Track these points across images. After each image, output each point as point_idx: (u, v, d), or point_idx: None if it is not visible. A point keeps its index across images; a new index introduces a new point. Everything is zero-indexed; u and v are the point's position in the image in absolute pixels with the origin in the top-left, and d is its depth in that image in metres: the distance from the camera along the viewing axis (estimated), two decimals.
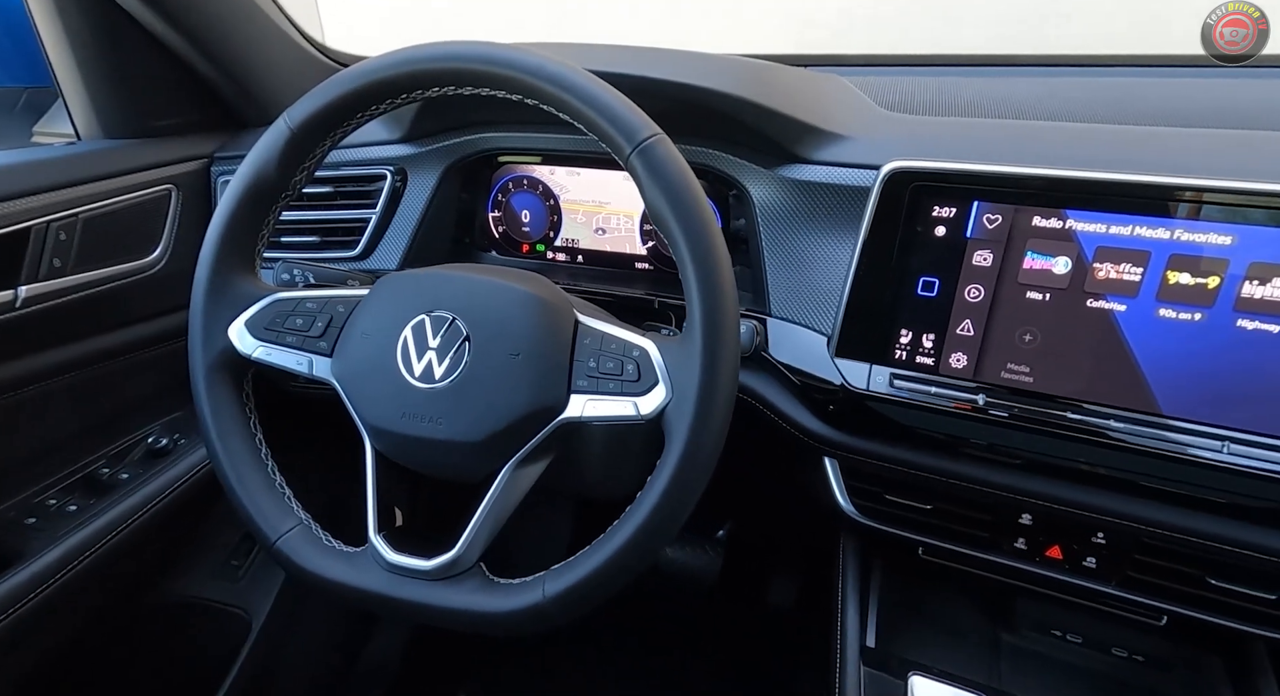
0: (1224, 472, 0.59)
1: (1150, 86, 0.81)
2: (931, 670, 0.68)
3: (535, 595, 0.55)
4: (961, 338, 0.67)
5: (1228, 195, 0.55)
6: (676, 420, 0.53)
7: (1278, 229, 0.55)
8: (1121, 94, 0.78)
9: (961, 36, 3.02)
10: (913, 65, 1.06)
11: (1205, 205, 0.56)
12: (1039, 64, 0.97)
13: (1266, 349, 0.57)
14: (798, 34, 3.16)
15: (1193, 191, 0.56)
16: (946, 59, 1.06)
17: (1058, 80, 0.86)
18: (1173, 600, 0.66)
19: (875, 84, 0.86)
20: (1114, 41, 2.27)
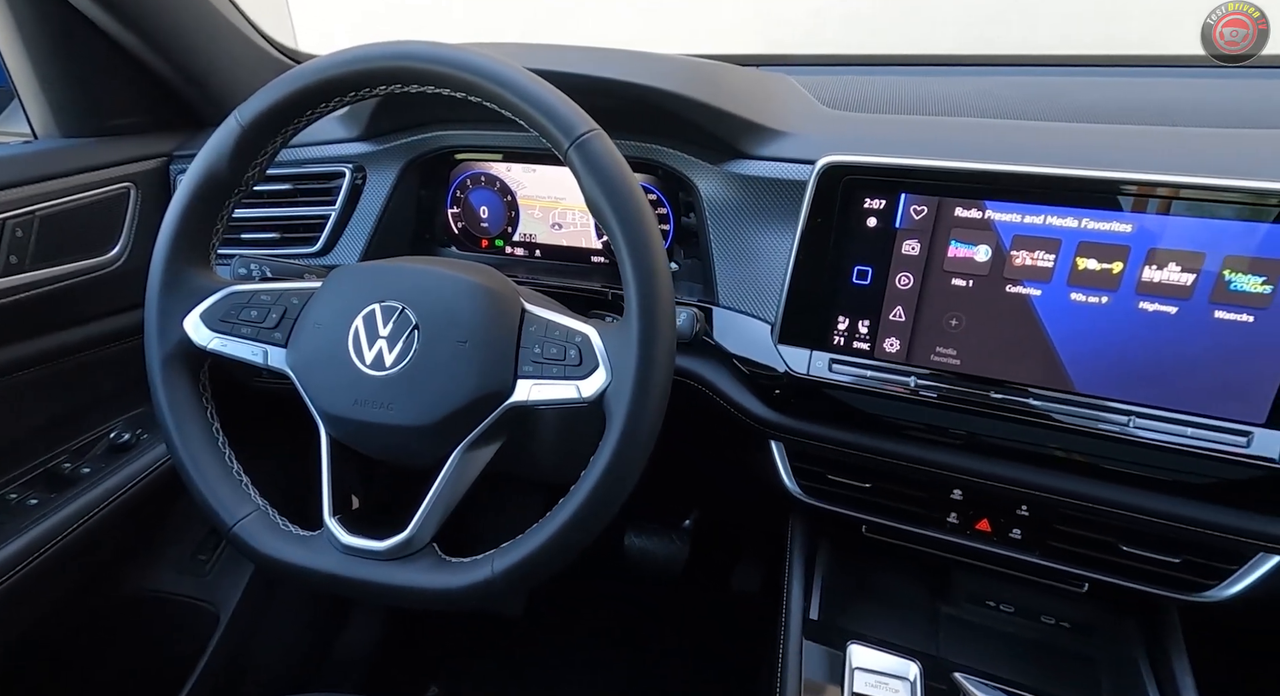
0: (1129, 445, 0.63)
1: (1078, 86, 0.86)
2: (870, 639, 0.72)
3: (485, 571, 0.58)
4: (894, 323, 0.70)
5: (1125, 186, 0.59)
6: (616, 401, 0.55)
7: (1172, 217, 0.59)
8: (1049, 92, 0.82)
9: (933, 35, 3.09)
10: (865, 65, 1.10)
11: (1107, 195, 0.60)
12: (984, 64, 1.02)
13: (1164, 329, 0.61)
14: (769, 34, 3.21)
15: (1094, 183, 0.60)
16: (897, 59, 1.10)
17: (993, 79, 0.91)
18: (1090, 567, 0.70)
19: (823, 83, 0.90)
20: (1082, 42, 2.35)
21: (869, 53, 1.14)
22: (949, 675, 0.68)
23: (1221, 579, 0.65)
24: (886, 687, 0.66)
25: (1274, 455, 0.58)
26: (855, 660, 0.69)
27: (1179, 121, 0.70)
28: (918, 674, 0.67)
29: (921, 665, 0.68)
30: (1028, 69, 0.98)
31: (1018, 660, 0.76)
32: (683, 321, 0.71)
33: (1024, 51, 1.02)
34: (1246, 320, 0.58)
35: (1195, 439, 0.61)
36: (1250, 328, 0.58)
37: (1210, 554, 0.65)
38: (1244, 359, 0.59)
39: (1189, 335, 0.60)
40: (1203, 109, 0.72)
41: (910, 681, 0.67)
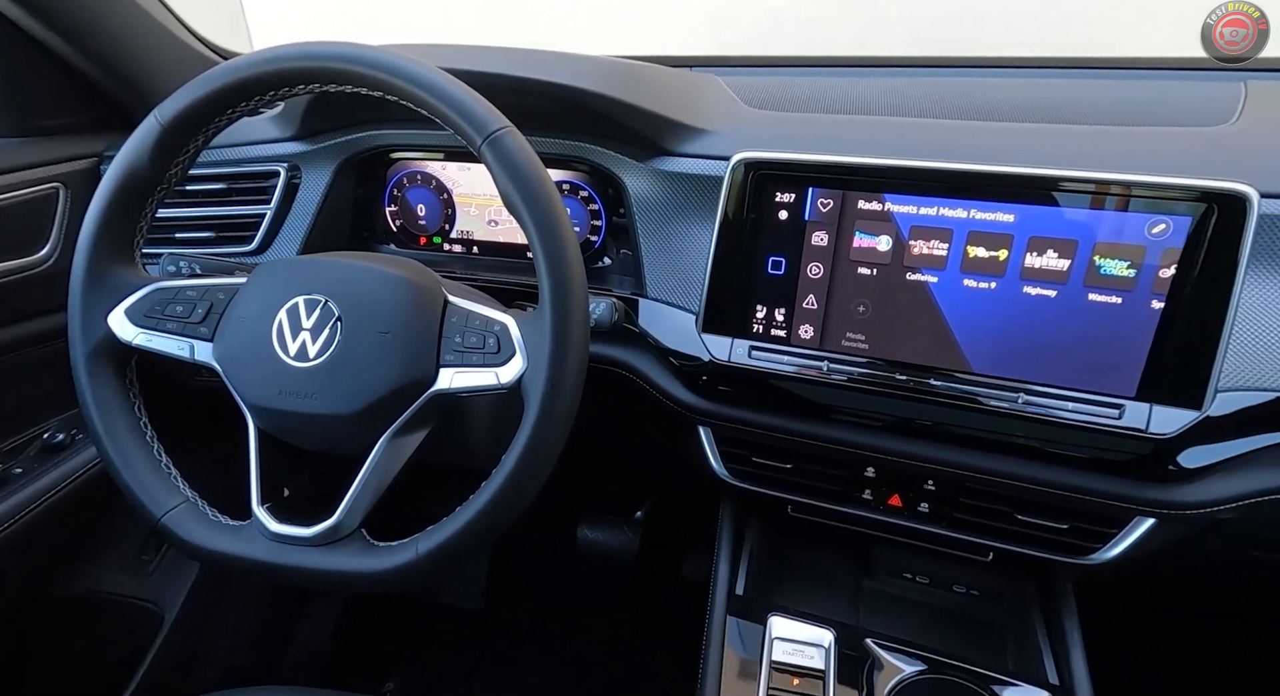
0: (1019, 420, 0.68)
1: (986, 86, 0.90)
2: (791, 611, 0.75)
3: (409, 554, 0.60)
4: (807, 310, 0.74)
5: (1006, 179, 0.64)
6: (532, 386, 0.58)
7: (1048, 207, 0.64)
8: (956, 92, 0.87)
9: (883, 37, 3.17)
10: (800, 66, 1.15)
11: (991, 187, 0.65)
12: (909, 66, 1.07)
13: (1046, 312, 0.66)
14: (722, 37, 3.26)
15: (978, 176, 0.65)
16: (828, 61, 1.15)
17: (910, 79, 0.95)
18: (991, 536, 0.75)
19: (751, 83, 0.93)
20: (1026, 44, 2.43)
21: (801, 55, 1.19)
22: (861, 641, 0.72)
23: (1104, 542, 0.70)
24: (803, 655, 0.70)
25: (1142, 426, 0.64)
26: (775, 631, 0.72)
27: (1065, 120, 0.75)
28: (832, 641, 0.71)
29: (836, 633, 0.72)
30: (950, 71, 1.03)
31: (931, 627, 0.81)
32: (602, 311, 0.74)
33: (971, 53, 1.08)
34: (1115, 302, 0.63)
35: (1075, 412, 0.66)
36: (1119, 309, 0.63)
37: (1093, 519, 0.70)
38: (1114, 338, 0.64)
39: (1067, 317, 0.65)
40: (1090, 108, 0.77)
41: (825, 648, 0.71)
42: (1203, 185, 0.58)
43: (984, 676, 0.68)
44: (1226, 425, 0.63)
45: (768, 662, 0.70)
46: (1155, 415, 0.64)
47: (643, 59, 1.00)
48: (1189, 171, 0.61)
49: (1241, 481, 0.64)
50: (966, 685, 0.67)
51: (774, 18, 3.25)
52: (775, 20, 3.25)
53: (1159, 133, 0.70)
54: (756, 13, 3.52)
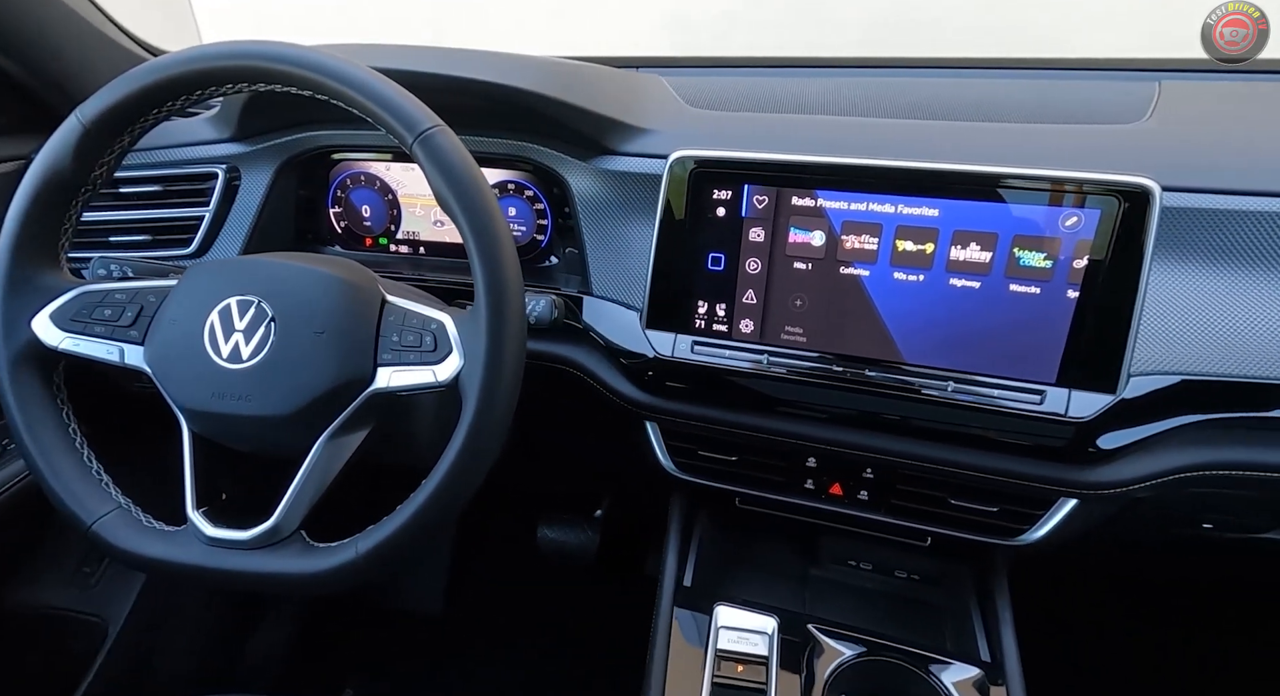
0: (950, 407, 0.70)
1: (918, 85, 0.93)
2: (737, 600, 0.77)
3: (349, 554, 0.60)
4: (747, 305, 0.76)
5: (930, 175, 0.66)
6: (469, 383, 0.59)
7: (970, 201, 0.66)
8: (889, 91, 0.89)
9: (835, 39, 3.22)
10: (748, 67, 1.17)
11: (915, 183, 0.67)
12: (852, 66, 1.10)
13: (971, 302, 0.68)
14: (678, 38, 3.28)
15: (903, 172, 0.67)
16: (774, 61, 1.17)
17: (846, 79, 0.98)
18: (927, 521, 0.77)
19: (695, 83, 0.95)
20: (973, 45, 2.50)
21: (750, 56, 1.21)
22: (804, 627, 0.74)
23: (1032, 523, 0.73)
24: (747, 642, 0.72)
25: (1062, 410, 0.66)
26: (720, 619, 0.74)
27: (991, 118, 0.78)
28: (775, 628, 0.73)
29: (780, 619, 0.73)
30: (891, 71, 1.06)
31: (873, 611, 0.83)
32: (541, 308, 0.74)
33: (920, 53, 1.11)
34: (1034, 292, 0.66)
35: (1001, 399, 0.68)
36: (1037, 299, 0.66)
37: (1021, 501, 0.73)
38: (1035, 326, 0.67)
39: (990, 307, 0.68)
40: (1014, 107, 0.80)
41: (769, 635, 0.72)
42: (1108, 179, 0.61)
43: (920, 656, 0.71)
44: (1139, 407, 0.66)
45: (713, 651, 0.71)
46: (1074, 399, 0.66)
47: (595, 60, 1.01)
48: (1098, 167, 0.64)
49: (1154, 461, 0.67)
50: (902, 665, 0.69)
51: (729, 20, 3.28)
52: (730, 22, 3.28)
53: (1075, 130, 0.73)
54: (712, 15, 3.55)
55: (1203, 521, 0.77)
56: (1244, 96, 0.84)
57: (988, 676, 0.69)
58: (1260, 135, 0.75)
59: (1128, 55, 1.03)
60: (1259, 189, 0.66)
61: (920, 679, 0.69)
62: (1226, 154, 0.70)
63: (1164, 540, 0.81)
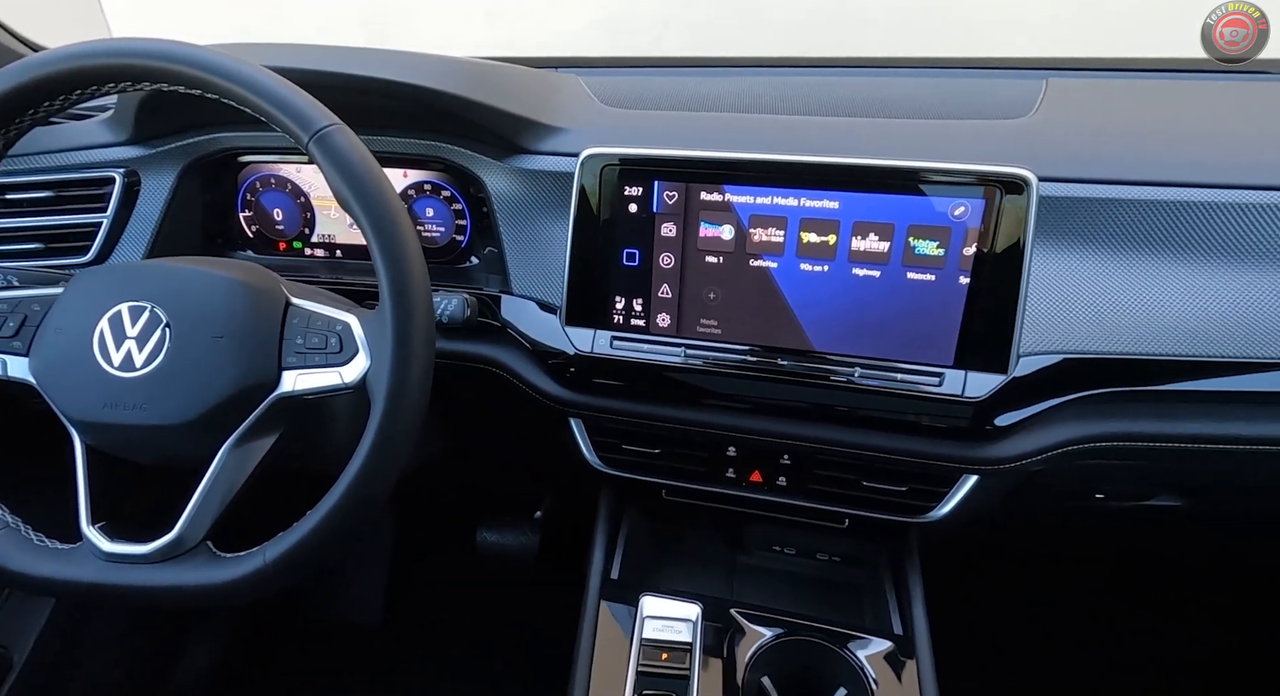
0: (858, 392, 0.73)
1: (829, 84, 0.96)
2: (663, 590, 0.78)
3: (256, 562, 0.58)
4: (662, 299, 0.77)
5: (828, 169, 0.69)
6: (376, 384, 0.58)
7: (867, 194, 0.69)
8: (801, 90, 0.92)
9: (767, 39, 3.28)
10: (670, 66, 1.19)
11: (815, 177, 0.70)
12: (769, 66, 1.13)
13: (872, 291, 0.71)
14: (616, 39, 3.30)
15: (804, 166, 0.69)
16: (698, 61, 1.20)
17: (762, 78, 1.01)
18: (843, 503, 0.80)
19: (612, 83, 0.96)
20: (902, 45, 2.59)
21: (676, 56, 1.24)
22: (727, 612, 0.75)
23: (938, 501, 0.76)
24: (672, 630, 0.73)
25: (959, 391, 0.70)
26: (646, 609, 0.75)
27: (890, 114, 0.82)
28: (699, 614, 0.74)
29: (703, 606, 0.75)
30: (809, 70, 1.09)
31: (797, 593, 0.85)
32: (453, 307, 0.74)
33: (850, 53, 1.14)
34: (930, 279, 0.69)
35: (904, 382, 0.71)
36: (933, 285, 0.69)
37: (927, 480, 0.76)
38: (931, 312, 0.70)
39: (891, 294, 0.71)
40: (913, 103, 0.84)
41: (693, 621, 0.74)
42: (988, 171, 0.65)
43: (836, 633, 0.73)
44: (1029, 386, 0.70)
45: (638, 640, 0.72)
46: (970, 380, 0.70)
47: (529, 61, 1.01)
48: (983, 159, 0.67)
49: (1045, 435, 0.71)
50: (819, 642, 0.72)
51: (664, 24, 3.31)
52: (665, 25, 3.32)
53: (966, 125, 0.77)
54: (649, 17, 3.58)
55: (1095, 492, 0.82)
56: (1124, 93, 0.90)
57: (899, 649, 0.72)
58: (1135, 128, 0.80)
59: (1033, 54, 1.10)
60: (1131, 178, 0.71)
61: (836, 655, 0.71)
62: (1102, 146, 0.74)
63: (1062, 511, 0.86)
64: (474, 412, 0.98)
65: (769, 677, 0.72)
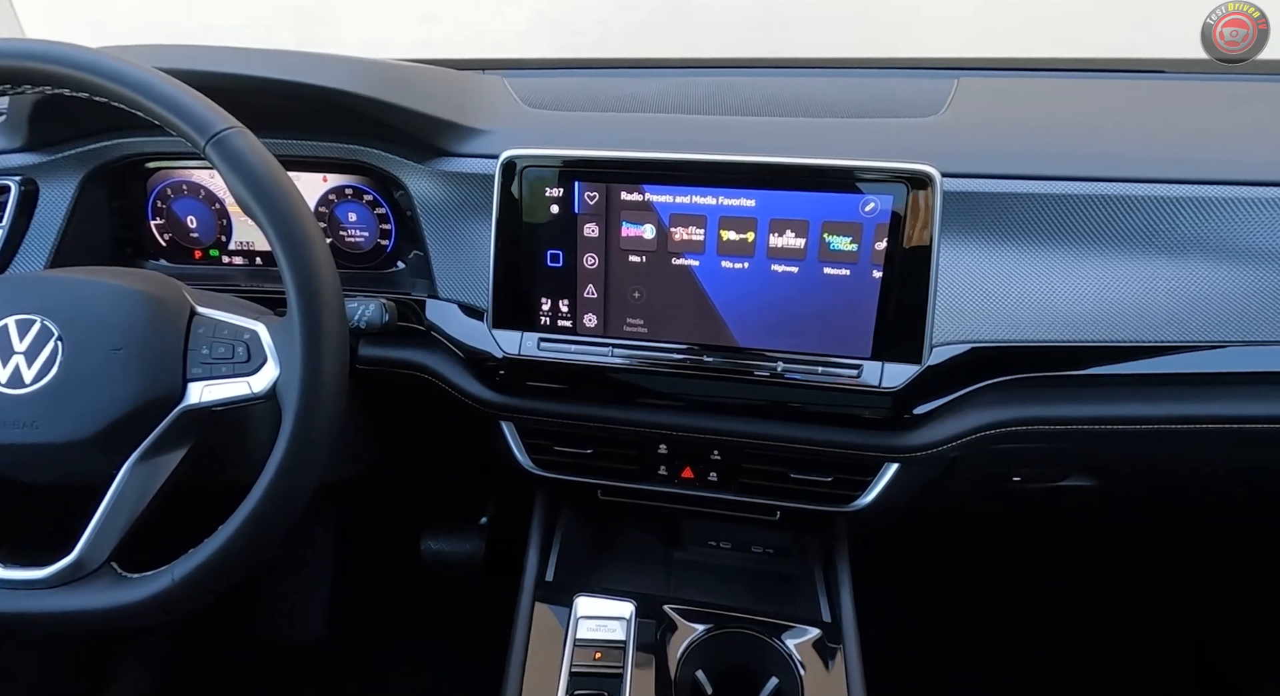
0: (782, 386, 0.74)
1: (753, 84, 0.97)
2: (599, 590, 0.78)
3: (164, 582, 0.56)
4: (588, 300, 0.77)
5: (743, 167, 0.70)
6: (287, 393, 0.57)
7: (782, 191, 0.71)
8: (724, 90, 0.93)
9: (706, 40, 3.31)
10: (602, 67, 1.20)
11: (731, 175, 0.71)
12: (697, 67, 1.14)
13: (792, 286, 0.72)
14: (555, 40, 3.29)
15: (719, 165, 0.70)
16: (630, 62, 1.20)
17: (687, 78, 1.02)
18: (773, 496, 0.81)
19: (537, 84, 0.96)
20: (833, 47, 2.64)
21: (605, 57, 1.24)
22: (661, 608, 0.76)
23: (863, 489, 0.78)
24: (606, 628, 0.73)
25: (876, 382, 0.72)
26: (580, 610, 0.75)
27: (806, 113, 0.84)
28: (633, 612, 0.74)
29: (637, 603, 0.75)
30: (733, 71, 1.11)
31: (733, 586, 0.86)
32: (371, 312, 0.73)
33: (788, 54, 1.16)
34: (845, 274, 0.71)
35: (825, 375, 0.73)
36: (848, 280, 0.71)
37: (851, 469, 0.78)
38: (848, 306, 0.72)
39: (809, 290, 0.72)
40: (829, 103, 0.86)
41: (627, 619, 0.74)
42: (894, 168, 0.67)
43: (767, 624, 0.74)
44: (943, 375, 0.72)
45: (572, 641, 0.72)
46: (886, 371, 0.72)
47: (456, 63, 1.00)
48: (892, 156, 0.69)
49: (959, 422, 0.74)
50: (750, 634, 0.73)
51: (603, 24, 3.32)
52: (605, 26, 3.33)
53: (877, 123, 0.79)
54: (588, 18, 3.57)
55: (1012, 475, 0.85)
56: (1031, 91, 0.94)
57: (826, 636, 0.74)
58: (1038, 125, 0.83)
59: (957, 54, 1.13)
60: (1033, 173, 0.74)
61: (767, 645, 0.73)
62: (1005, 143, 0.78)
63: (982, 495, 0.89)
64: (404, 419, 0.97)
65: (703, 671, 0.72)
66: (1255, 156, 0.76)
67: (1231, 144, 0.80)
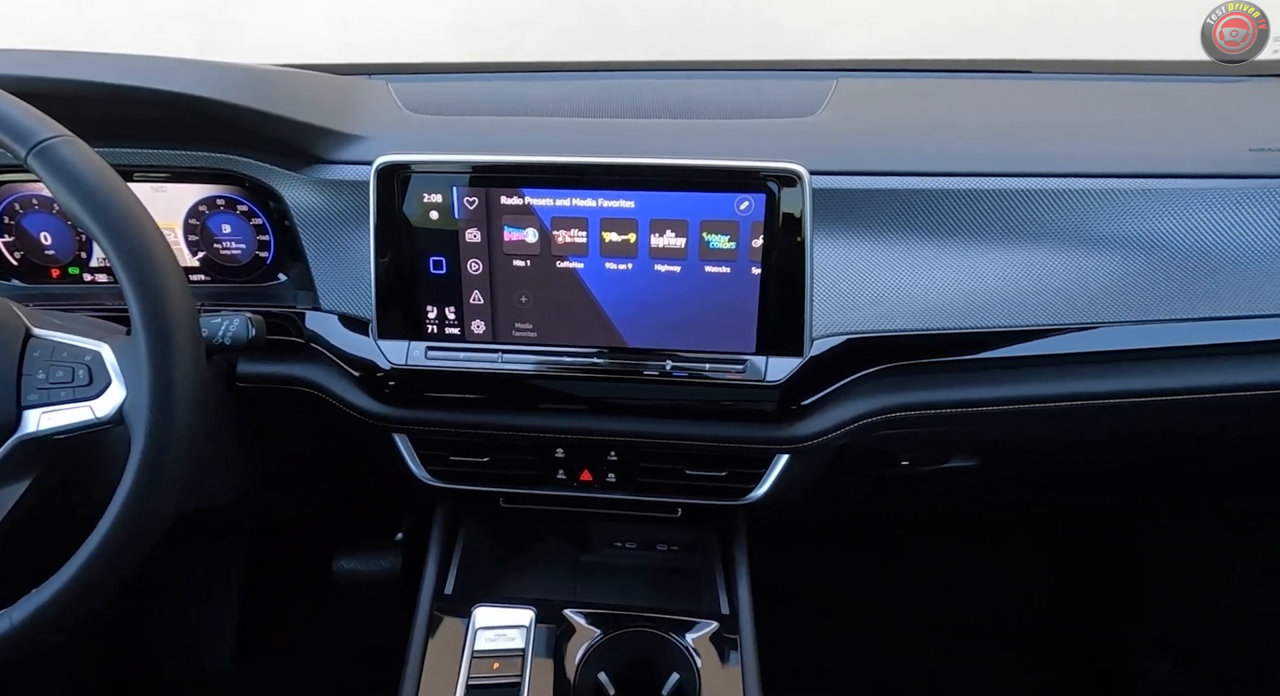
0: (672, 385, 0.75)
1: (638, 86, 0.98)
2: (500, 599, 0.77)
3: (1, 627, 0.52)
4: (475, 306, 0.76)
5: (620, 169, 0.71)
6: (135, 416, 0.54)
7: (661, 192, 0.71)
8: (613, 93, 0.93)
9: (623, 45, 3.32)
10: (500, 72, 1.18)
11: (610, 177, 0.71)
12: (589, 70, 1.14)
13: (676, 286, 0.73)
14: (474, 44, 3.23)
15: (595, 168, 0.71)
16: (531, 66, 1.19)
17: (578, 82, 1.01)
18: (671, 493, 0.82)
19: (423, 89, 0.94)
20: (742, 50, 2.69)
21: (511, 62, 1.22)
22: (560, 613, 0.75)
23: (756, 482, 0.80)
24: (505, 638, 0.72)
25: (761, 376, 0.73)
26: (478, 621, 0.74)
27: (690, 115, 0.85)
28: (532, 619, 0.74)
29: (537, 610, 0.75)
30: (625, 73, 1.11)
31: (640, 586, 0.87)
32: (236, 327, 0.70)
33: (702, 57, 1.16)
34: (726, 272, 0.72)
35: (713, 371, 0.74)
36: (729, 277, 0.72)
37: (744, 463, 0.80)
38: (731, 303, 0.73)
39: (692, 288, 0.73)
40: (710, 104, 0.87)
41: (526, 627, 0.73)
42: (763, 167, 0.68)
43: (667, 621, 0.75)
44: (824, 366, 0.74)
45: (469, 653, 0.71)
46: (771, 365, 0.74)
47: (354, 68, 0.97)
48: (766, 155, 0.71)
49: (843, 411, 0.76)
50: (649, 632, 0.73)
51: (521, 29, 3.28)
52: (522, 31, 3.29)
53: (756, 124, 0.81)
54: (505, 22, 3.53)
55: (900, 459, 0.89)
56: (905, 91, 0.98)
57: (724, 628, 0.75)
58: (908, 124, 0.87)
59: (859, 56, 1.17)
60: (899, 170, 0.77)
61: (666, 641, 0.73)
62: (874, 141, 0.81)
63: (875, 480, 0.92)
64: (293, 437, 0.93)
65: (605, 673, 0.72)
66: (1104, 151, 0.82)
67: (1083, 139, 0.85)
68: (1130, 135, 0.86)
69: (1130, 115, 0.91)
